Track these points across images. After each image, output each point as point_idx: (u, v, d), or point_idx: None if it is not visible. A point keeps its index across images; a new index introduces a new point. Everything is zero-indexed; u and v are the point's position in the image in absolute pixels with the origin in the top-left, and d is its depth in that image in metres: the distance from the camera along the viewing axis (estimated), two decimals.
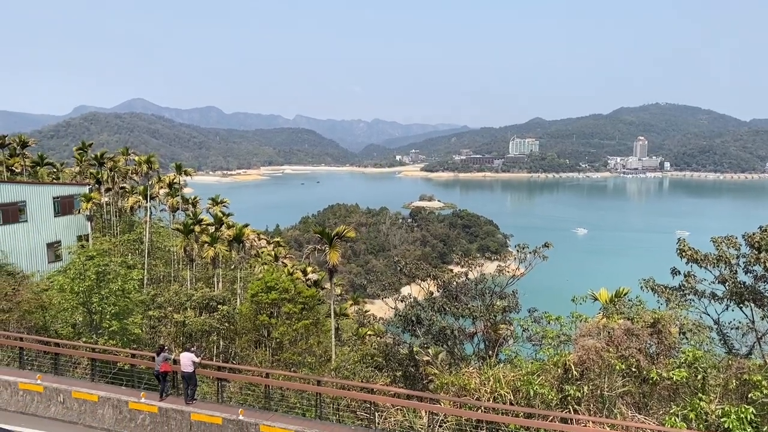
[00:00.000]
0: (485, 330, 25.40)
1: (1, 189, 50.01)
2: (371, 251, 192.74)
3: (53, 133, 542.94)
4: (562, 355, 19.85)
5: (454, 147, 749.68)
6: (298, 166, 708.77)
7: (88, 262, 32.58)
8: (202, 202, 79.20)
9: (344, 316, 54.77)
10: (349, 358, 30.82)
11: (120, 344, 31.46)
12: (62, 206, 54.63)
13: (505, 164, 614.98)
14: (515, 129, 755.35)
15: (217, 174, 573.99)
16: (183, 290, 52.07)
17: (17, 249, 47.92)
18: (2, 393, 20.14)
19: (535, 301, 29.32)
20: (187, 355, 20.40)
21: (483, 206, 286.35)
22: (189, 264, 60.94)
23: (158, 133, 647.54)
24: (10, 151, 75.94)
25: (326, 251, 34.21)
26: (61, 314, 33.04)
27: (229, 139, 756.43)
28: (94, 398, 19.20)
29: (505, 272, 26.98)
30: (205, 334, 46.39)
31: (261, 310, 45.97)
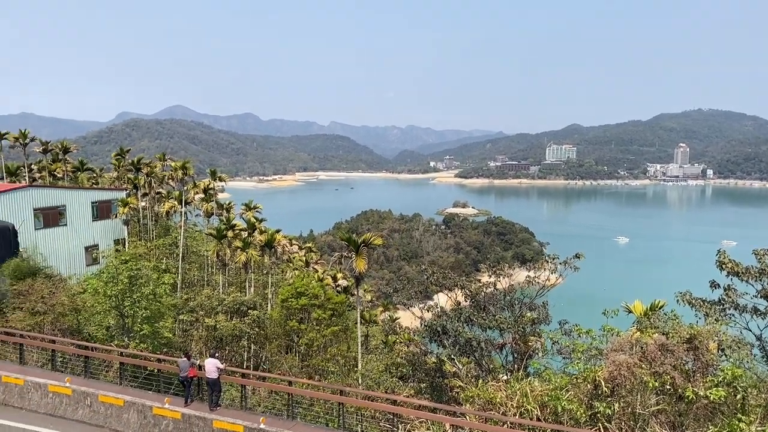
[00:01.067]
0: (514, 342, 24.77)
1: (43, 193, 51.50)
2: (404, 257, 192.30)
3: (96, 139, 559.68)
4: (593, 370, 19.13)
5: (489, 153, 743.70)
6: (333, 172, 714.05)
7: (121, 266, 33.14)
8: (236, 208, 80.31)
9: (373, 323, 54.57)
10: (375, 367, 30.54)
11: (151, 348, 31.86)
12: (100, 211, 55.96)
13: (541, 171, 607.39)
14: (552, 135, 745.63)
15: (254, 180, 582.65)
16: (215, 294, 52.73)
17: (56, 252, 49.22)
18: (33, 395, 20.53)
19: (568, 312, 28.50)
20: (211, 361, 20.45)
21: (518, 213, 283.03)
22: (222, 268, 61.74)
23: (197, 139, 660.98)
24: (53, 156, 78.45)
25: (353, 258, 34.05)
26: (95, 317, 33.67)
27: (265, 146, 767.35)
28: (120, 402, 19.38)
29: (535, 283, 26.30)
30: (236, 339, 46.77)
31: (291, 316, 46.22)
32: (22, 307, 31.46)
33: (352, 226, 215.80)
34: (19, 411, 20.15)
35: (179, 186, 72.06)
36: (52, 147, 79.65)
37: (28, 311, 31.08)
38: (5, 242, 40.26)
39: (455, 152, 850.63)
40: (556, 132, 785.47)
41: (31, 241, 45.42)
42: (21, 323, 29.85)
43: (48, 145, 79.79)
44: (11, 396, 20.70)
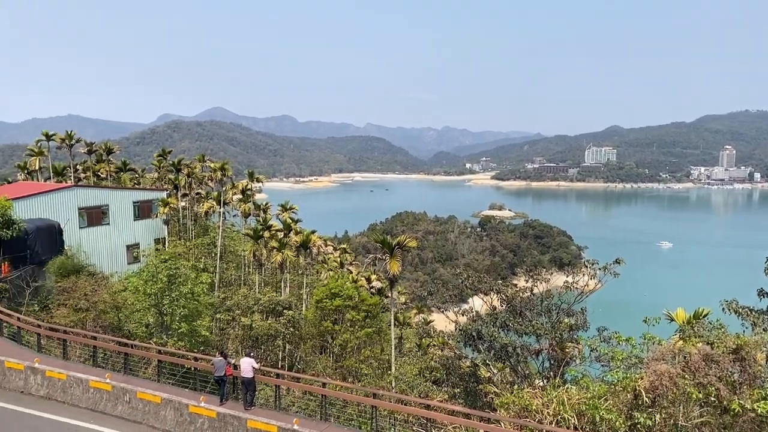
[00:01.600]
0: (551, 348, 24.28)
1: (88, 193, 53.01)
2: (438, 260, 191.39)
3: (139, 140, 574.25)
4: (633, 379, 18.57)
5: (527, 155, 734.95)
6: (368, 173, 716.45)
7: (161, 265, 33.83)
8: (273, 208, 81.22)
9: (407, 326, 54.41)
10: (409, 370, 30.37)
11: (188, 346, 32.43)
12: (141, 210, 57.27)
13: (580, 173, 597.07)
14: (591, 137, 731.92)
15: (290, 181, 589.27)
16: (251, 294, 53.37)
17: (99, 250, 50.57)
18: (75, 389, 21.07)
19: (607, 319, 27.82)
20: (247, 360, 20.64)
21: (556, 216, 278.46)
22: (258, 268, 62.49)
23: (236, 140, 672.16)
24: (97, 157, 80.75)
25: (387, 260, 33.95)
26: (135, 315, 34.47)
27: (302, 147, 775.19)
28: (157, 399, 19.72)
29: (573, 288, 25.74)
30: (271, 338, 47.21)
31: (325, 317, 46.41)
32: (66, 304, 32.42)
33: (387, 227, 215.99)
34: (62, 405, 20.73)
35: (218, 187, 73.25)
36: (96, 148, 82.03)
37: (71, 308, 32.01)
38: (51, 240, 41.57)
39: (492, 154, 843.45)
40: (595, 134, 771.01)
41: (75, 240, 46.82)
42: (65, 319, 30.75)
43: (92, 146, 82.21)
44: (55, 390, 21.30)
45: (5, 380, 22.16)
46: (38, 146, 76.47)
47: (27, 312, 31.28)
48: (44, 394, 21.40)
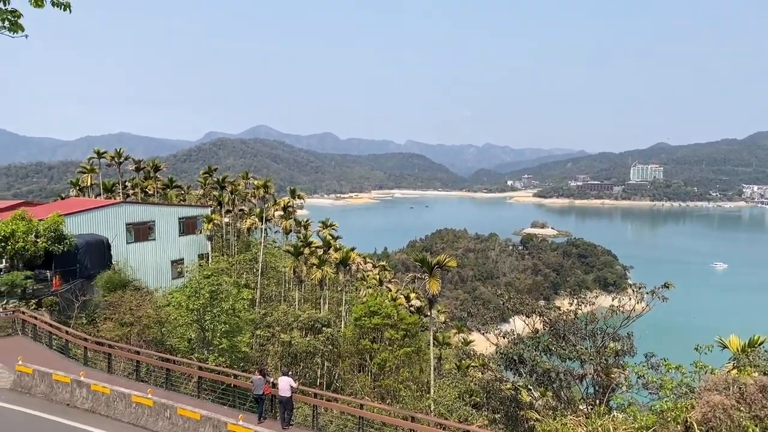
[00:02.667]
0: (595, 374, 23.45)
1: (135, 209, 54.54)
2: (479, 278, 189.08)
3: (186, 157, 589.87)
4: (683, 409, 17.70)
5: (570, 172, 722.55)
6: (408, 190, 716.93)
7: (204, 281, 34.33)
8: (313, 225, 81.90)
9: (446, 346, 53.71)
10: (448, 393, 29.84)
11: (229, 362, 32.69)
12: (186, 226, 58.54)
13: (625, 191, 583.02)
14: (637, 154, 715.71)
15: (331, 197, 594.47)
16: (291, 311, 53.69)
17: (145, 265, 51.82)
18: (118, 404, 21.42)
19: (655, 344, 26.76)
20: (285, 379, 20.62)
21: (600, 235, 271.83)
22: (298, 284, 62.92)
23: (279, 158, 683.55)
24: (144, 174, 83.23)
25: (426, 279, 33.65)
26: (177, 330, 35.01)
27: (343, 164, 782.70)
28: (196, 416, 19.84)
29: (619, 312, 24.87)
30: (310, 356, 47.29)
31: (364, 335, 46.25)
32: (112, 318, 33.23)
33: (427, 244, 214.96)
34: (105, 419, 21.07)
35: (260, 203, 74.41)
36: (144, 165, 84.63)
37: (117, 322, 32.79)
38: (100, 255, 42.82)
39: (534, 171, 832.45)
40: (641, 151, 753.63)
41: (122, 254, 48.10)
42: (110, 333, 31.49)
43: (140, 163, 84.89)
44: (99, 404, 21.71)
45: (53, 393, 22.72)
46: (90, 163, 79.40)
47: (75, 325, 32.16)
48: (89, 408, 21.82)
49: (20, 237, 34.81)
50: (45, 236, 36.17)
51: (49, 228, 36.65)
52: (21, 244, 34.69)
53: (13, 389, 23.52)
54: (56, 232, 37.04)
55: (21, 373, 23.65)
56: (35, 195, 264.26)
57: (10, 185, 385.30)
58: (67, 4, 8.21)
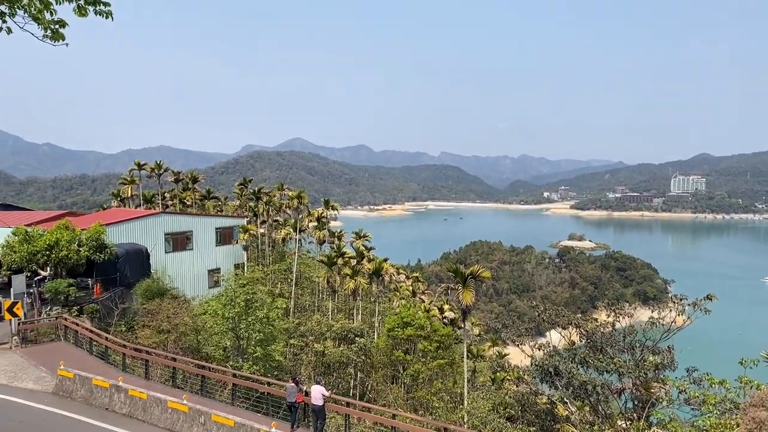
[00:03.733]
0: (634, 387, 22.76)
1: (174, 219, 55.71)
2: (514, 291, 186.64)
3: (224, 170, 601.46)
4: (727, 426, 17.05)
5: (608, 184, 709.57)
6: (442, 202, 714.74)
7: (239, 290, 34.78)
8: (347, 236, 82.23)
9: (481, 358, 53.03)
10: (482, 405, 29.39)
11: (263, 370, 32.95)
12: (223, 236, 59.49)
13: (665, 203, 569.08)
14: (678, 165, 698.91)
15: (365, 209, 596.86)
16: (324, 320, 53.87)
17: (182, 274, 52.79)
18: (154, 409, 21.77)
19: (698, 359, 25.86)
20: (317, 388, 20.64)
21: (640, 248, 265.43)
22: (332, 295, 63.17)
23: (314, 170, 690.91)
24: (183, 185, 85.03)
25: (460, 290, 33.31)
26: (213, 338, 35.48)
27: (376, 176, 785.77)
28: (230, 423, 20.00)
29: (659, 324, 24.11)
30: (343, 366, 47.27)
31: (397, 346, 46.05)
32: (150, 325, 33.88)
33: (461, 256, 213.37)
34: (142, 424, 21.44)
35: (295, 214, 75.15)
36: (183, 177, 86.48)
37: (155, 329, 33.41)
38: (140, 263, 43.81)
39: (571, 183, 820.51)
40: (682, 162, 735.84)
41: (161, 263, 49.12)
42: (148, 340, 32.11)
43: (179, 175, 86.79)
44: (136, 409, 22.11)
45: (92, 397, 23.24)
46: (131, 175, 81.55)
47: (115, 332, 32.92)
48: (126, 413, 22.23)
49: (64, 246, 35.89)
50: (87, 245, 37.20)
51: (91, 237, 37.70)
52: (65, 252, 35.76)
53: (55, 393, 24.15)
54: (98, 241, 38.06)
55: (63, 378, 24.27)
56: (79, 206, 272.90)
57: (56, 197, 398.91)
58: (108, 12, 8.47)
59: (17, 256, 34.66)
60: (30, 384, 25.22)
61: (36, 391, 24.41)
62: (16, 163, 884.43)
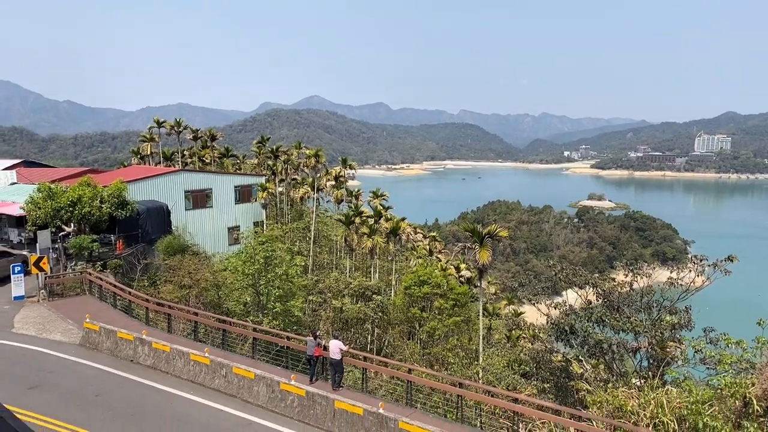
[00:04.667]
0: (650, 347, 22.87)
1: (193, 177, 56.19)
2: (532, 251, 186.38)
3: (241, 128, 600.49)
4: (743, 385, 17.11)
5: (630, 143, 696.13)
6: (460, 161, 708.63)
7: (258, 247, 35.27)
8: (365, 195, 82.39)
9: (496, 317, 53.53)
10: (497, 362, 29.83)
11: (282, 325, 33.68)
12: (242, 194, 59.93)
13: (688, 163, 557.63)
14: (702, 124, 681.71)
15: (383, 168, 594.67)
16: (342, 278, 54.55)
17: (203, 231, 53.53)
18: (177, 361, 22.44)
19: (715, 319, 25.84)
20: (335, 342, 21.06)
21: (661, 208, 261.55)
22: (349, 253, 63.74)
23: (331, 128, 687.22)
24: (202, 143, 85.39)
25: (477, 249, 33.37)
26: (233, 293, 36.21)
27: (395, 135, 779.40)
28: (251, 375, 20.57)
29: (677, 285, 24.02)
30: (360, 322, 48.06)
31: (413, 303, 46.59)
32: (172, 281, 34.61)
33: (478, 216, 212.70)
34: (165, 375, 22.16)
35: (312, 173, 75.28)
36: (202, 135, 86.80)
37: (177, 284, 34.14)
38: (160, 220, 44.50)
39: (592, 142, 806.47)
40: (707, 120, 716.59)
41: (181, 221, 49.81)
42: (170, 295, 32.86)
43: (198, 132, 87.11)
44: (159, 361, 22.81)
45: (117, 349, 24.00)
46: (150, 133, 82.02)
47: (138, 287, 33.73)
48: (150, 364, 22.96)
49: (86, 202, 36.49)
50: (109, 202, 37.78)
51: (112, 194, 38.25)
52: (87, 209, 36.38)
53: (82, 345, 24.98)
54: (119, 198, 38.62)
55: (89, 330, 25.06)
56: (100, 163, 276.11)
57: (78, 154, 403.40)
58: None
59: (42, 213, 35.36)
60: (58, 336, 26.10)
61: (64, 342, 25.27)
62: (37, 120, 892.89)
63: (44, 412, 17.83)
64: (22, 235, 42.08)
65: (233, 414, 19.17)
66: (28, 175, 56.31)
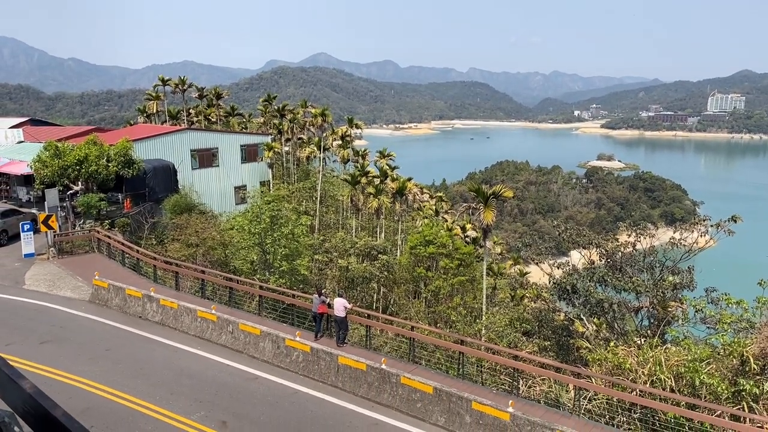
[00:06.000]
0: (651, 306, 23.08)
1: (199, 136, 56.10)
2: (539, 211, 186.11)
3: (248, 86, 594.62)
4: (741, 344, 17.34)
5: (642, 102, 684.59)
6: (469, 120, 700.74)
7: (264, 206, 35.49)
8: (371, 155, 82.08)
9: (501, 276, 53.89)
10: (499, 320, 30.24)
11: (288, 283, 34.11)
12: (248, 154, 59.87)
13: (701, 123, 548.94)
14: (716, 83, 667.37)
15: (390, 127, 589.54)
16: (348, 238, 54.91)
17: (209, 190, 53.74)
18: (185, 318, 22.92)
19: (718, 280, 25.94)
20: (340, 300, 21.38)
21: (670, 169, 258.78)
22: (355, 213, 63.95)
23: (338, 86, 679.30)
24: (207, 101, 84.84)
25: (481, 210, 33.38)
26: (240, 252, 36.62)
27: (402, 93, 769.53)
28: (257, 332, 21.01)
29: (680, 245, 24.06)
30: (366, 281, 48.56)
31: (419, 263, 46.95)
32: (179, 239, 35.03)
33: (486, 176, 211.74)
34: (173, 331, 22.66)
35: (318, 132, 74.90)
36: (207, 93, 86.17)
37: (184, 243, 34.57)
38: (167, 179, 44.69)
39: (603, 101, 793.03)
40: (722, 79, 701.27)
41: (188, 180, 50.00)
42: (177, 253, 33.29)
43: (203, 91, 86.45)
44: (167, 317, 23.29)
45: (126, 306, 24.49)
46: (155, 91, 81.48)
47: (146, 245, 34.15)
48: (158, 321, 23.46)
49: (93, 161, 36.61)
50: (115, 160, 37.89)
51: (119, 153, 38.32)
52: (94, 167, 36.52)
53: (92, 301, 25.50)
54: (126, 156, 38.69)
55: (98, 287, 25.53)
56: (107, 122, 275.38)
57: (84, 112, 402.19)
58: None
59: (49, 171, 35.56)
60: (68, 292, 26.63)
61: (74, 299, 25.80)
62: (42, 78, 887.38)
63: (56, 365, 18.34)
64: (31, 194, 42.48)
65: (240, 368, 19.65)
66: (34, 134, 56.42)
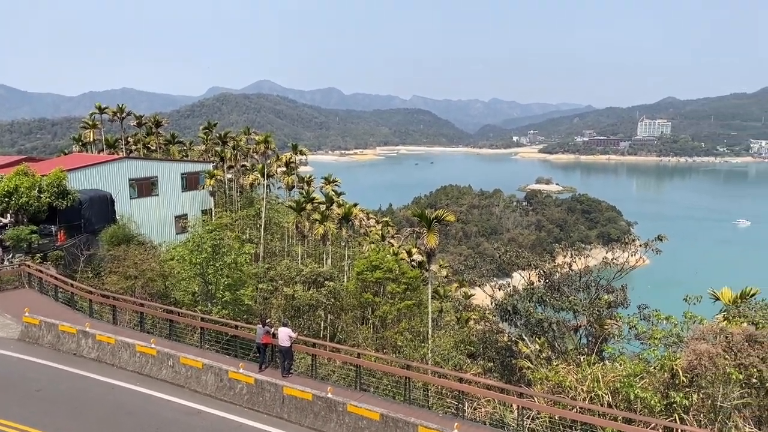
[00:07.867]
0: (588, 324, 23.95)
1: (138, 165, 54.76)
2: (483, 234, 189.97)
3: (189, 113, 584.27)
4: (671, 358, 18.21)
5: (577, 128, 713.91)
6: (413, 146, 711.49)
7: (206, 235, 34.77)
8: (317, 181, 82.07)
9: (447, 299, 54.56)
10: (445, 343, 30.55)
11: (232, 314, 33.38)
12: (189, 182, 58.77)
13: (632, 147, 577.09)
14: (644, 109, 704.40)
15: (336, 153, 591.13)
16: (294, 265, 54.36)
17: (149, 220, 52.33)
18: (123, 353, 22.09)
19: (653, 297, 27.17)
20: (284, 330, 21.16)
21: (605, 191, 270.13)
22: (301, 240, 63.51)
23: (282, 113, 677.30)
24: (146, 129, 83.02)
25: (425, 234, 33.94)
26: (181, 283, 35.64)
27: (347, 120, 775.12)
28: (199, 365, 20.48)
29: (613, 265, 25.17)
30: (313, 308, 48.07)
31: (366, 288, 46.92)
32: (117, 271, 33.78)
33: (431, 201, 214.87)
34: (110, 367, 21.78)
35: (262, 159, 74.38)
36: (146, 121, 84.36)
37: (122, 275, 33.35)
38: (104, 210, 43.20)
39: (540, 127, 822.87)
40: (649, 106, 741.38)
41: (126, 210, 48.53)
42: (115, 286, 32.11)
43: (142, 119, 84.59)
44: (104, 353, 22.39)
45: (59, 343, 23.41)
46: (92, 119, 79.14)
47: (81, 278, 32.81)
48: (95, 357, 22.51)
49: (24, 192, 35.12)
50: (48, 191, 36.46)
51: (52, 183, 36.91)
52: (24, 199, 35.04)
53: (21, 339, 24.23)
54: (59, 187, 37.29)
55: (28, 324, 24.31)
56: (39, 151, 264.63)
57: (14, 141, 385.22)
58: None
59: None
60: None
61: (1, 338, 24.45)
62: None
63: None
64: None
65: (181, 403, 19.06)
66: None
